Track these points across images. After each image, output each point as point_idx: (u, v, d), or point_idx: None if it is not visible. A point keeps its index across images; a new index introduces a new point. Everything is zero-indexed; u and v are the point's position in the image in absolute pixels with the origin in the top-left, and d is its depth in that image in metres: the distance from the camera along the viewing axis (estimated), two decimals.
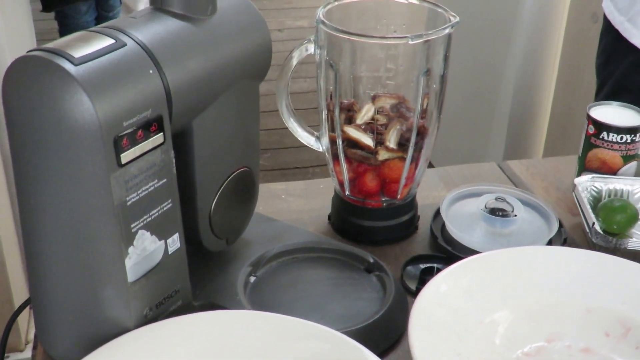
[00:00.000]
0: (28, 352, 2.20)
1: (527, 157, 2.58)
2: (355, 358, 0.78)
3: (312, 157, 3.15)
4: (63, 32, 3.20)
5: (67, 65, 0.70)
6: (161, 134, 0.78)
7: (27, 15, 2.34)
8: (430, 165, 1.20)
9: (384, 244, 1.08)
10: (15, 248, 2.10)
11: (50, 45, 0.73)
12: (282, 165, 3.29)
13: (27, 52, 0.73)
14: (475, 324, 0.87)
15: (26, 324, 2.23)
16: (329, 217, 1.13)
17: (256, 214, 1.05)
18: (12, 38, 1.98)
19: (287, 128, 1.10)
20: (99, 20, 3.31)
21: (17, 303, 2.04)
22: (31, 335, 2.24)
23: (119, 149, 0.73)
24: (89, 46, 0.73)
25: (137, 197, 0.77)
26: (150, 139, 0.77)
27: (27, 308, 1.02)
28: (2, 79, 0.74)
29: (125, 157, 0.74)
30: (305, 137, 1.08)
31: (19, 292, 2.09)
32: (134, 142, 0.75)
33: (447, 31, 0.97)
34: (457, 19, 0.97)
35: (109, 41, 0.75)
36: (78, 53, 0.72)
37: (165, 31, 0.81)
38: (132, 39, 0.77)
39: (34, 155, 0.74)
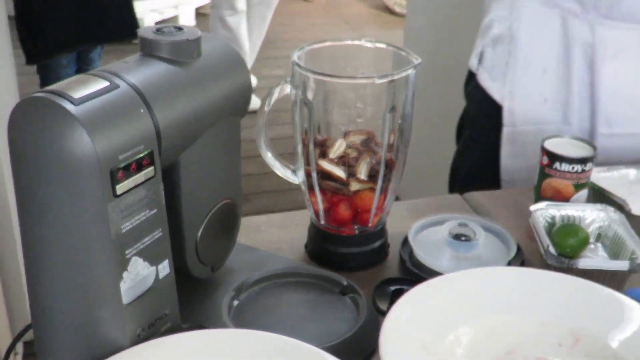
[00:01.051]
0: None
1: None
2: None
3: (290, 201, 3.11)
4: (44, 84, 3.17)
5: (68, 105, 0.72)
6: (152, 167, 0.79)
7: (10, 68, 2.33)
8: (399, 199, 1.22)
9: (357, 269, 1.09)
10: None
11: (52, 87, 0.75)
12: (261, 210, 3.23)
13: (33, 94, 0.75)
14: (440, 339, 0.87)
15: None
16: (306, 246, 1.14)
17: (238, 244, 1.05)
18: None
19: (264, 173, 1.13)
20: (78, 73, 3.29)
21: (2, 347, 2.01)
22: None
23: (114, 180, 0.74)
24: (86, 88, 0.75)
25: (131, 226, 0.79)
26: (142, 172, 0.78)
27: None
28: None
29: (120, 188, 0.76)
30: (282, 170, 1.09)
31: (3, 335, 2.05)
32: (127, 175, 0.76)
33: (409, 72, 0.99)
34: (419, 60, 1.00)
35: (104, 83, 0.77)
36: (77, 94, 0.74)
37: (154, 74, 0.82)
38: (125, 81, 0.79)
39: (37, 187, 0.75)
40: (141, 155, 0.78)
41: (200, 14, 5.75)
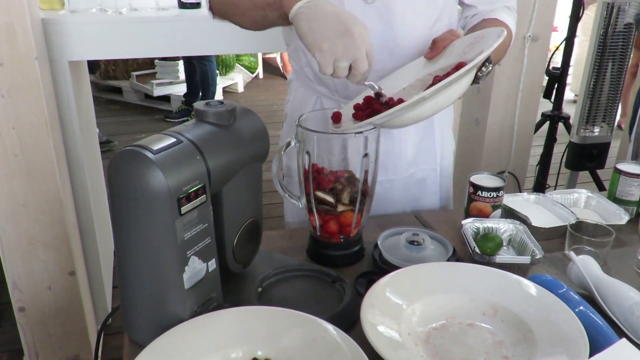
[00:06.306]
0: None
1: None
2: (327, 334, 0.81)
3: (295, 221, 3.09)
4: None
5: (149, 155, 0.76)
6: (204, 195, 0.82)
7: (93, 128, 2.36)
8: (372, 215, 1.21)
9: (343, 266, 1.09)
10: (86, 287, 2.02)
11: (138, 142, 0.78)
12: (276, 227, 3.10)
13: (125, 147, 0.78)
14: (401, 311, 0.90)
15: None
16: (307, 251, 1.14)
17: (261, 249, 1.07)
18: (85, 146, 1.99)
19: (277, 203, 1.11)
20: None
21: (90, 329, 1.99)
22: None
23: (180, 204, 0.78)
24: (161, 143, 0.79)
25: (190, 235, 0.82)
26: (198, 199, 0.81)
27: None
28: (105, 168, 0.76)
29: (184, 209, 0.79)
30: (290, 199, 1.09)
31: (89, 320, 2.02)
32: (189, 200, 0.80)
33: (375, 129, 1.01)
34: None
35: (173, 140, 0.81)
36: (155, 147, 0.78)
37: (205, 133, 0.86)
38: (186, 138, 0.82)
39: (127, 209, 0.78)
40: (197, 187, 0.81)
41: (225, 91, 5.81)
